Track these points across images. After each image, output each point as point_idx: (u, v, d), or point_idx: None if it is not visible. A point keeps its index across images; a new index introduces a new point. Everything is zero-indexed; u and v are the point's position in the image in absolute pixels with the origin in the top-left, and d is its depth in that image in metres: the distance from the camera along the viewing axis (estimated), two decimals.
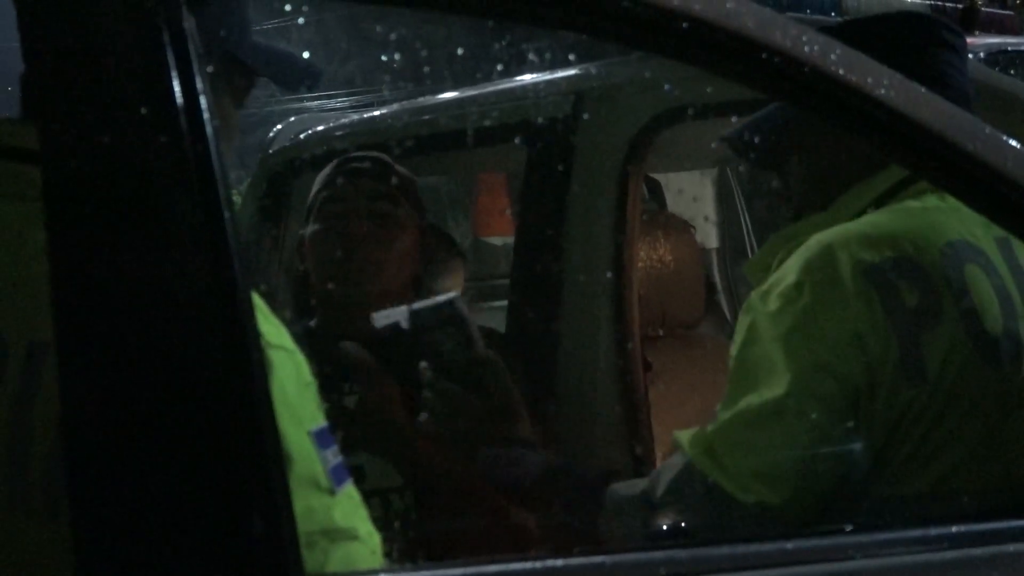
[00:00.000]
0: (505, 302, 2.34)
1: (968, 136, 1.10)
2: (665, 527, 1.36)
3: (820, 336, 1.31)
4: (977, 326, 1.33)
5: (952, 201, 1.38)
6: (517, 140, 2.25)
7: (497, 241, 5.31)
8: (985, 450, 1.31)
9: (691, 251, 2.70)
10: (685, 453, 1.34)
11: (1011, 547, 1.00)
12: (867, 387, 1.29)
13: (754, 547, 0.91)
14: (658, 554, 0.91)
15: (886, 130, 1.11)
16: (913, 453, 1.30)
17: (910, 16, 1.55)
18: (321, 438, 0.92)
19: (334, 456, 0.92)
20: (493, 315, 2.75)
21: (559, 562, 0.86)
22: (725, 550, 0.90)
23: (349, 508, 0.92)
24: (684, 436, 1.36)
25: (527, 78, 2.55)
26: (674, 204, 3.44)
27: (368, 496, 1.01)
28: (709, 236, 3.45)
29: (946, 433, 1.30)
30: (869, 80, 1.07)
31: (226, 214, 0.81)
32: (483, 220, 5.50)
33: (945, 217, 1.39)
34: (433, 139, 2.48)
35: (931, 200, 1.42)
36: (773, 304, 1.34)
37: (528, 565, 0.85)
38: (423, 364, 1.46)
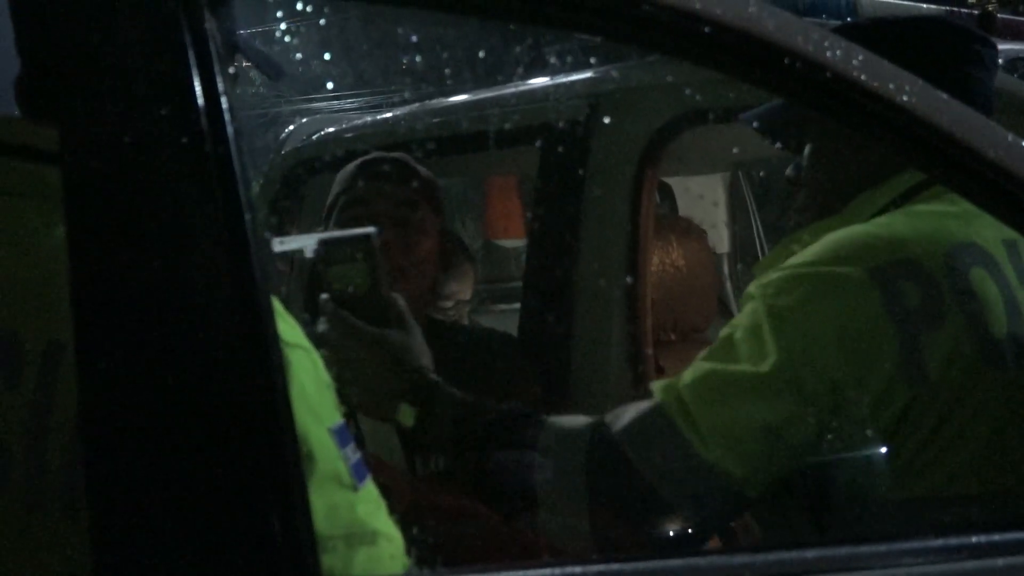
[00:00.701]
0: (515, 305, 2.33)
1: (989, 143, 1.09)
2: (674, 533, 1.34)
3: (810, 329, 1.30)
4: (981, 329, 1.32)
5: (963, 205, 1.37)
6: (534, 143, 2.24)
7: (508, 244, 5.31)
8: (992, 454, 1.30)
9: (703, 255, 2.70)
10: (656, 398, 1.33)
11: None
12: (855, 386, 1.28)
13: (774, 555, 0.91)
14: (676, 562, 0.91)
15: (907, 135, 1.10)
16: (916, 455, 1.29)
17: (942, 24, 1.54)
18: (341, 435, 0.93)
19: (353, 453, 0.93)
20: (504, 318, 2.75)
21: (577, 569, 0.86)
22: (744, 558, 0.90)
23: (371, 506, 0.93)
24: (658, 384, 1.35)
25: (543, 81, 2.55)
26: (686, 208, 3.44)
27: None
28: (721, 240, 3.44)
29: (950, 436, 1.29)
30: (891, 86, 1.07)
31: (247, 215, 0.81)
32: (495, 223, 5.51)
33: (954, 221, 1.39)
34: (446, 141, 2.48)
35: (942, 204, 1.41)
36: (771, 288, 1.34)
37: (547, 571, 0.84)
38: (323, 296, 1.42)
